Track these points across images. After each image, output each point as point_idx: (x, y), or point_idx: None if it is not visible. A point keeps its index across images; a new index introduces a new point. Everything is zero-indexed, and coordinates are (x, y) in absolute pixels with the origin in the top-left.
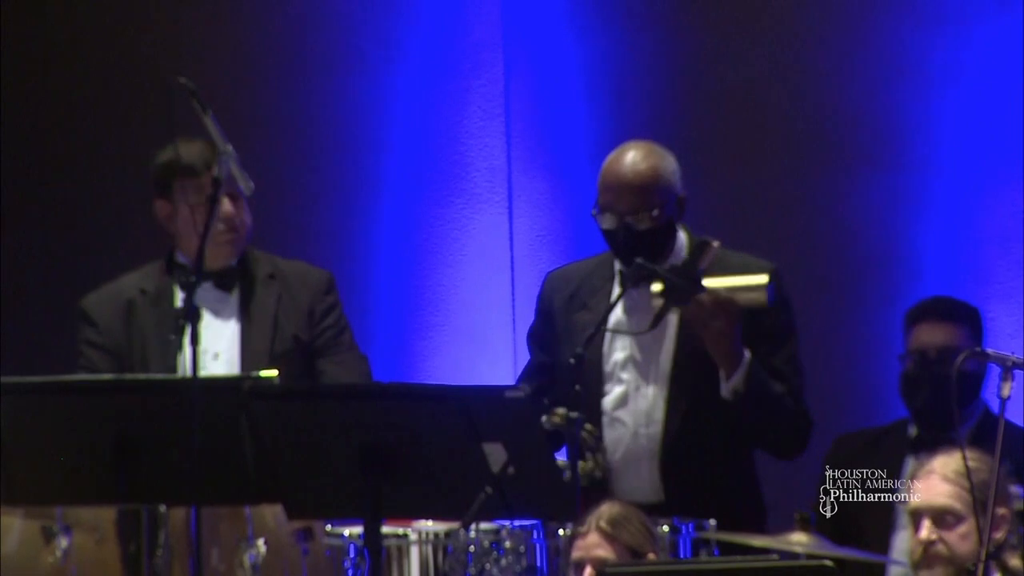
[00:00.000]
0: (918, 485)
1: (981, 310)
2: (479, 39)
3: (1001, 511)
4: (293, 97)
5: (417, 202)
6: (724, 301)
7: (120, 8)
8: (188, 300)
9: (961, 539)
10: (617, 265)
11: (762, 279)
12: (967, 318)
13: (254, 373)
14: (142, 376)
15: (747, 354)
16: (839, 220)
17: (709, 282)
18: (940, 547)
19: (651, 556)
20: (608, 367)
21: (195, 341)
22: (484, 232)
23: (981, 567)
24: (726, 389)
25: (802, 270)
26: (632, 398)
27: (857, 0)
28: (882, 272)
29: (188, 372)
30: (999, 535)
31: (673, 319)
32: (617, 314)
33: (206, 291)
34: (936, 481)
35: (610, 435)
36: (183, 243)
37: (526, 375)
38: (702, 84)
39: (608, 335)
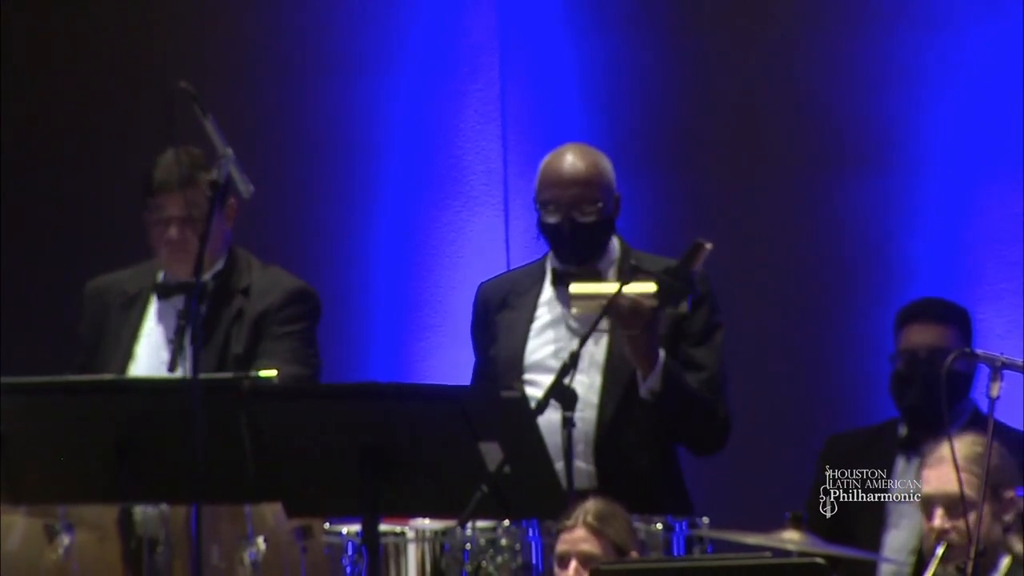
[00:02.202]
0: (930, 473)
1: (971, 311)
2: (475, 43)
3: (1008, 494)
4: (291, 100)
5: (414, 204)
6: (644, 310)
7: (121, 12)
8: (187, 303)
9: (974, 526)
10: (549, 263)
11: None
12: (957, 319)
13: (253, 373)
14: (143, 376)
15: (662, 355)
16: (832, 221)
17: (630, 288)
18: (954, 535)
19: (633, 554)
20: (536, 358)
21: (195, 341)
22: (480, 234)
23: (971, 565)
24: (644, 389)
25: (795, 271)
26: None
27: (850, 3)
28: (874, 273)
29: (188, 372)
30: (1008, 517)
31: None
32: (553, 310)
33: (177, 304)
34: (947, 469)
35: (543, 421)
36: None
37: (474, 376)
38: (696, 88)
39: (533, 330)
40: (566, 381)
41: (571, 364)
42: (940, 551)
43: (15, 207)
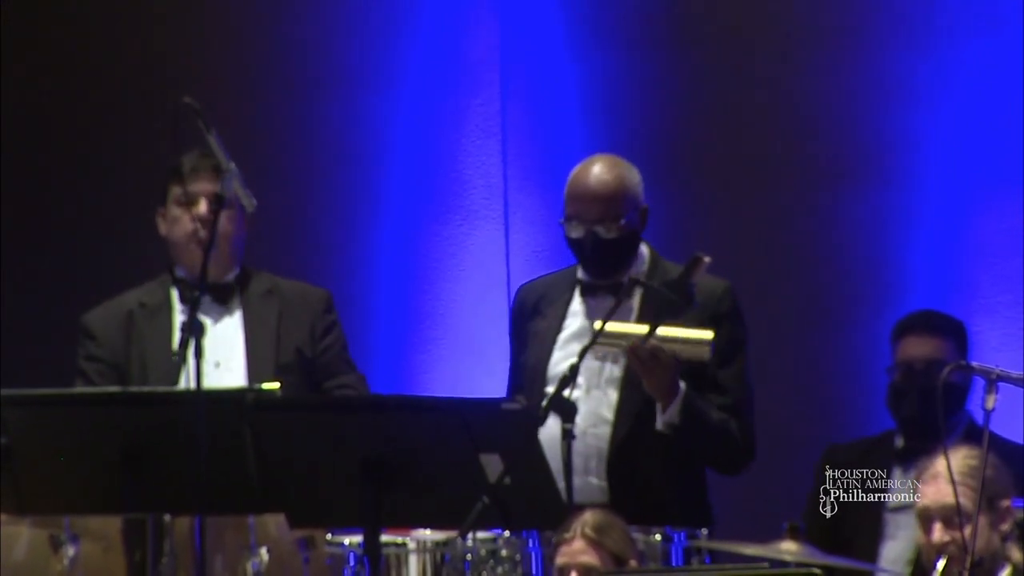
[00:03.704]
0: (926, 488)
1: (968, 323)
2: (476, 59)
3: (1004, 504)
4: (294, 116)
5: (416, 219)
6: (664, 358)
7: (124, 27)
8: (191, 314)
9: (971, 537)
10: (579, 274)
11: (707, 335)
12: (953, 331)
13: (257, 386)
14: (148, 389)
15: (682, 387)
16: (828, 234)
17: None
18: (953, 548)
19: (632, 563)
20: (560, 369)
21: (199, 354)
22: (481, 248)
23: (967, 575)
24: (661, 422)
25: (791, 284)
26: (583, 400)
27: (847, 17)
28: (870, 286)
29: (192, 385)
30: (1005, 527)
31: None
32: (581, 322)
33: (205, 304)
34: (943, 483)
35: (546, 434)
36: (176, 252)
37: (509, 379)
38: (694, 102)
39: (560, 341)
40: (566, 393)
41: (571, 377)
42: (941, 565)
43: (18, 220)
